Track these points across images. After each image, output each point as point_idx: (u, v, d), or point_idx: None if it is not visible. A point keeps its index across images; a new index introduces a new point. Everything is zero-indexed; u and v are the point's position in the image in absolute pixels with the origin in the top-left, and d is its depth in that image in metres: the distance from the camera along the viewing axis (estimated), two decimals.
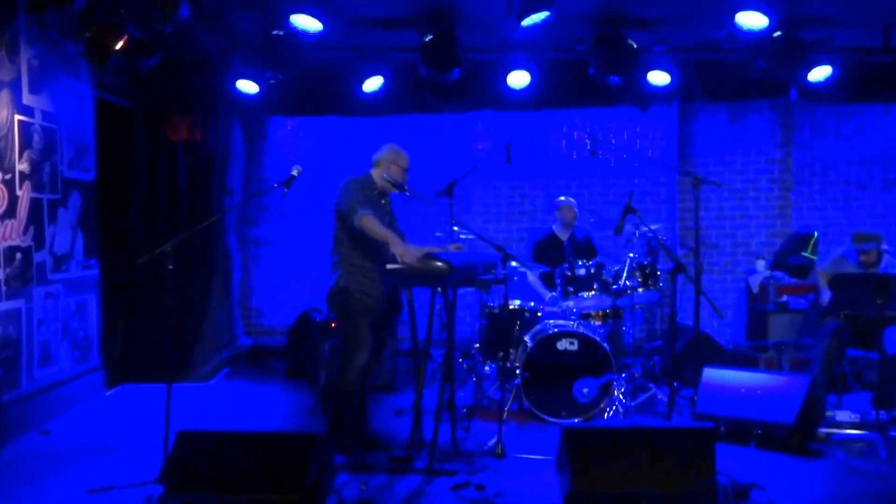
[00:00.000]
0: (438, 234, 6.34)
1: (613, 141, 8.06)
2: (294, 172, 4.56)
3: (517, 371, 5.51)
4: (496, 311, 6.10)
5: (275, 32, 6.22)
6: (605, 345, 5.51)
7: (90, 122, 6.48)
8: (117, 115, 7.14)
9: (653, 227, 5.86)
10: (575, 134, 8.15)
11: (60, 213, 5.98)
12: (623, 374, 5.73)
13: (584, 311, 6.08)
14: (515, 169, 8.09)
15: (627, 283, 5.81)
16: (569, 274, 5.94)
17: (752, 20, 5.90)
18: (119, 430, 5.46)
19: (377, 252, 4.55)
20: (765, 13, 5.87)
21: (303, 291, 8.10)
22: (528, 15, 5.63)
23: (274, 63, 6.36)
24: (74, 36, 5.63)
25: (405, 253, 4.29)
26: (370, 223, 4.45)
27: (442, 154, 8.04)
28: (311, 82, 7.21)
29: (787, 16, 6.18)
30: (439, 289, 4.47)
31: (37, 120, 5.62)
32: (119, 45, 5.53)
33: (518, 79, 6.97)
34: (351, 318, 4.65)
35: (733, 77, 7.19)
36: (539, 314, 6.18)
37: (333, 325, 5.91)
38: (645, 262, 5.91)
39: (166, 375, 4.51)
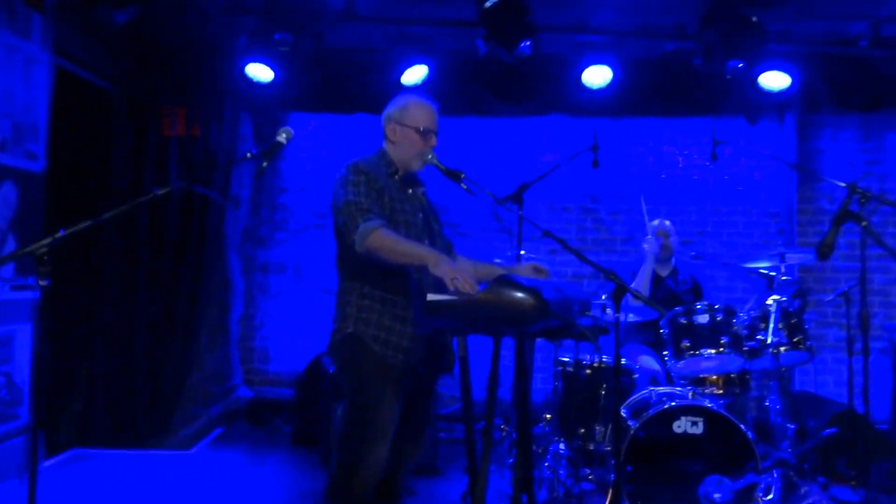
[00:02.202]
0: (497, 262, 4.51)
1: (713, 159, 6.23)
2: (280, 138, 2.75)
3: (611, 458, 3.65)
4: (574, 369, 4.26)
5: None
6: (743, 427, 3.63)
7: (42, 97, 4.65)
8: (92, 98, 5.39)
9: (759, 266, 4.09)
10: (664, 148, 6.33)
11: None
12: (774, 472, 3.75)
13: (700, 375, 4.19)
14: (589, 188, 6.28)
15: (772, 338, 3.91)
16: (683, 322, 4.05)
17: None
18: None
19: (406, 277, 2.75)
20: None
21: (319, 331, 6.15)
22: None
23: (290, 34, 4.67)
24: None
25: (457, 275, 2.42)
26: (382, 240, 2.63)
27: (499, 167, 6.22)
28: (339, 71, 5.55)
29: None
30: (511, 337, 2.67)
31: None
32: None
33: (596, 76, 5.26)
34: (363, 385, 2.77)
35: (871, 83, 5.43)
36: (635, 376, 4.32)
37: None
38: (791, 309, 4.03)
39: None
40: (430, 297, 2.35)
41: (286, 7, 4.56)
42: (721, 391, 4.14)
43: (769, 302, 3.94)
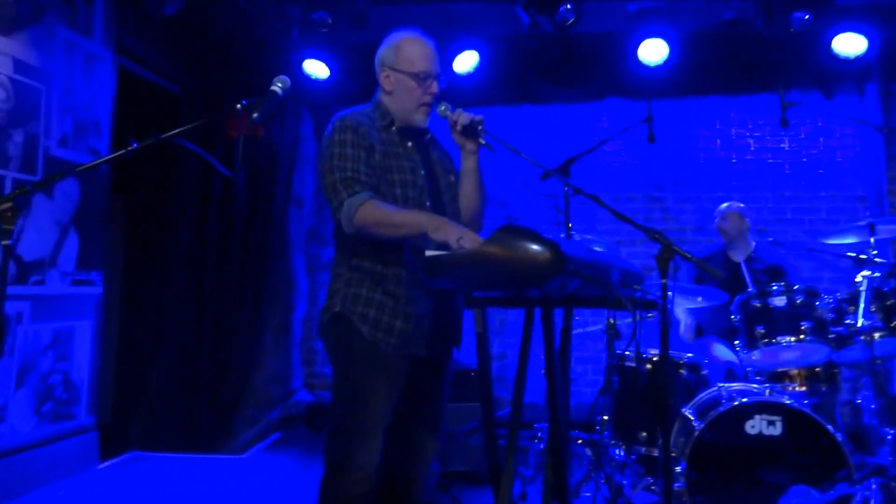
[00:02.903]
0: None
1: (786, 141, 5.48)
2: (275, 87, 2.26)
3: (677, 464, 3.01)
4: (633, 363, 3.63)
5: None
6: (832, 429, 2.94)
7: (105, 95, 4.45)
8: (159, 98, 5.22)
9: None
10: (733, 131, 5.60)
11: (38, 202, 4.02)
12: (871, 482, 3.01)
13: (779, 369, 3.49)
14: (654, 177, 5.61)
15: (862, 321, 3.17)
16: (757, 305, 3.35)
17: None
18: None
19: (399, 247, 2.26)
20: None
21: None
22: None
23: (328, 13, 4.26)
24: None
25: (461, 235, 1.94)
26: (372, 214, 2.18)
27: (556, 155, 5.62)
28: None
29: None
30: (538, 308, 2.12)
31: (1, 70, 3.73)
32: None
33: (652, 51, 4.69)
34: (350, 373, 2.27)
35: None
36: (704, 372, 3.65)
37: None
38: (886, 289, 3.29)
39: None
40: (429, 252, 1.84)
41: None
42: (804, 388, 3.42)
43: (858, 279, 3.20)
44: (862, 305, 3.15)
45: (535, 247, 1.71)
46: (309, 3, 4.25)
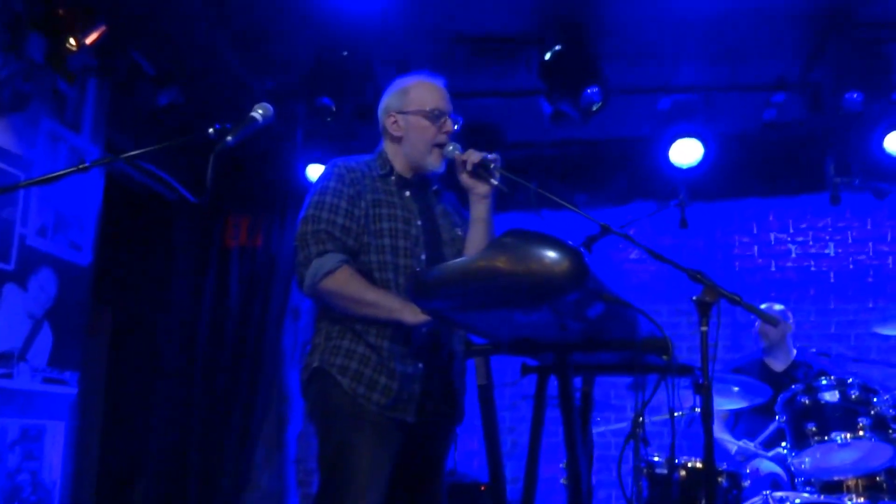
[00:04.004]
0: None
1: (831, 246, 5.39)
2: (255, 113, 2.22)
3: None
4: (665, 469, 3.37)
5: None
6: None
7: (92, 191, 4.52)
8: (154, 206, 5.34)
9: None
10: (772, 235, 5.53)
11: (10, 292, 3.97)
12: None
13: (834, 477, 3.21)
14: (684, 285, 5.49)
15: None
16: (806, 401, 3.13)
17: None
18: None
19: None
20: None
21: None
22: None
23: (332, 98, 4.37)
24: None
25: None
26: (341, 285, 2.13)
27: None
28: None
29: None
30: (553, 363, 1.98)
31: None
32: (90, 37, 3.73)
33: (684, 152, 4.68)
34: (331, 428, 2.14)
35: None
36: (745, 483, 3.36)
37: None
38: None
39: None
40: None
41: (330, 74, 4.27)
42: (862, 499, 3.13)
43: None
44: None
45: (551, 253, 1.57)
46: (311, 93, 4.33)
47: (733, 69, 4.52)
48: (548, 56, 4.05)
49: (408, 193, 2.35)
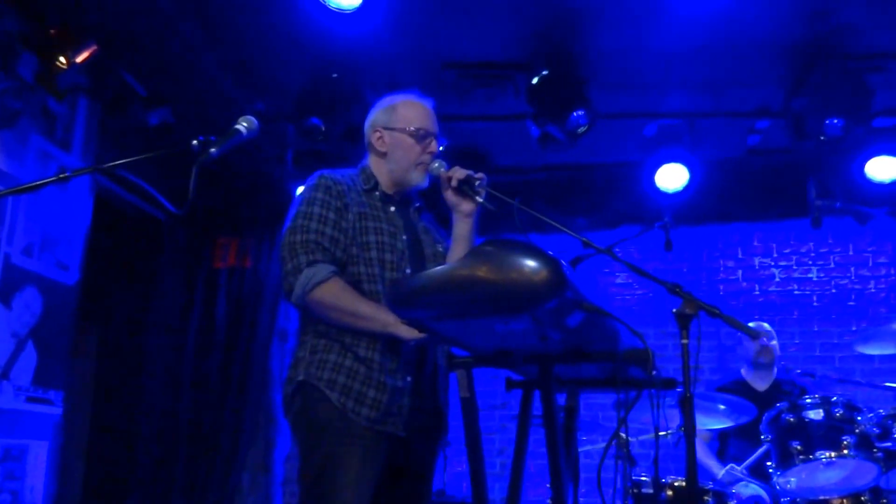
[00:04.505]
0: None
1: (814, 270, 5.40)
2: (240, 126, 2.14)
3: None
4: (651, 489, 3.33)
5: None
6: None
7: (81, 211, 4.49)
8: (144, 226, 5.31)
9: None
10: (756, 260, 5.55)
11: None
12: None
13: (820, 497, 3.17)
14: (669, 308, 5.49)
15: None
16: (791, 419, 3.11)
17: None
18: None
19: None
20: None
21: None
22: None
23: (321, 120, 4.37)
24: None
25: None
26: (332, 295, 2.12)
27: None
28: None
29: None
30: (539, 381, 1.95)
31: None
32: (81, 56, 3.72)
33: (670, 177, 4.71)
34: (318, 443, 2.09)
35: None
36: (731, 503, 3.33)
37: None
38: None
39: None
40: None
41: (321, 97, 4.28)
42: None
43: None
44: None
45: (530, 262, 1.57)
46: (301, 114, 4.33)
47: (718, 97, 4.57)
48: (535, 80, 4.09)
49: (392, 209, 2.35)
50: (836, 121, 3.82)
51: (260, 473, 5.57)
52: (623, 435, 3.24)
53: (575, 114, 3.97)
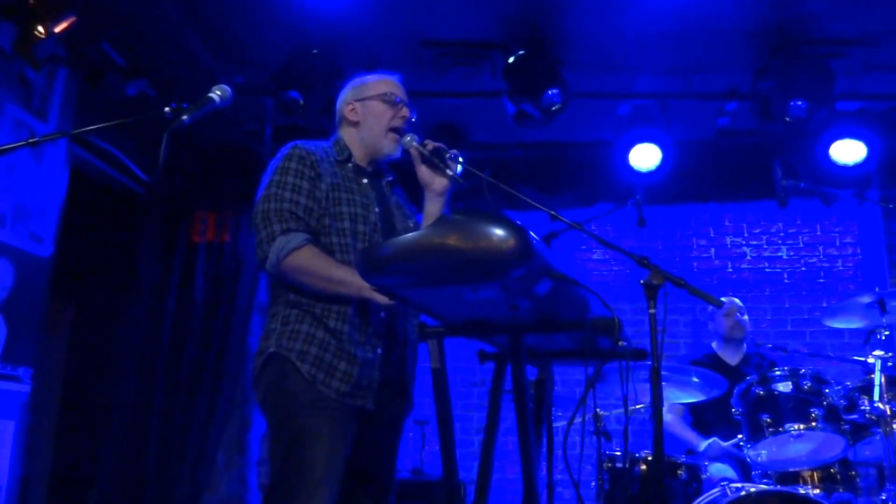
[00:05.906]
0: None
1: (783, 249, 5.37)
2: (213, 94, 2.08)
3: None
4: (623, 464, 3.28)
5: None
6: None
7: (56, 182, 4.30)
8: (123, 199, 5.15)
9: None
10: (728, 239, 5.51)
11: None
12: None
13: (790, 469, 3.14)
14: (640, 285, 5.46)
15: (881, 407, 2.86)
16: (761, 392, 3.06)
17: None
18: None
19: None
20: None
21: None
22: None
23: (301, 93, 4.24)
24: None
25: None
26: (306, 261, 2.05)
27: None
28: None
29: None
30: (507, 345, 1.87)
31: None
32: (60, 26, 3.57)
33: (644, 157, 4.64)
34: (288, 415, 2.01)
35: None
36: (704, 476, 3.27)
37: None
38: None
39: None
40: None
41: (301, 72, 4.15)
42: (818, 490, 3.06)
43: (870, 360, 2.94)
44: (877, 390, 2.86)
45: (498, 231, 1.50)
46: (280, 88, 4.20)
47: (688, 79, 4.54)
48: (511, 59, 4.02)
49: (365, 181, 2.29)
50: (800, 102, 3.81)
51: (235, 453, 5.43)
52: (598, 410, 3.18)
53: (549, 92, 3.90)
